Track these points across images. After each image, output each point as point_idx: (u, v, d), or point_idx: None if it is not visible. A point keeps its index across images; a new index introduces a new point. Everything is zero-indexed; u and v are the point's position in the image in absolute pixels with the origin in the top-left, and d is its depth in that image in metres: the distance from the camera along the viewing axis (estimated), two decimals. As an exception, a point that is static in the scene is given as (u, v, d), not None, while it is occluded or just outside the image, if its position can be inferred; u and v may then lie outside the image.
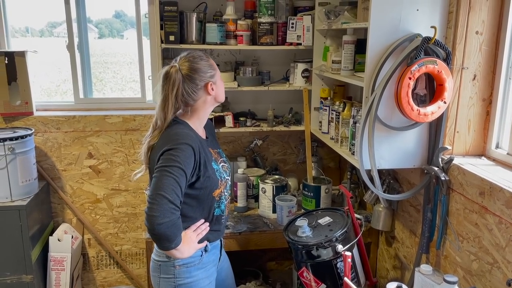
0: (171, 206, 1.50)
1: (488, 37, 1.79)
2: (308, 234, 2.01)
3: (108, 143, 2.91)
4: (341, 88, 2.56)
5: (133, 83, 6.33)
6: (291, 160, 3.12)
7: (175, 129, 1.67)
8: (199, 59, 1.70)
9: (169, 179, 1.51)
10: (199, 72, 1.69)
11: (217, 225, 1.83)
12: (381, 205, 2.32)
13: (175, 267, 1.73)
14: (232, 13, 2.64)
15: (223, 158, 1.88)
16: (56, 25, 6.80)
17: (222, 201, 1.81)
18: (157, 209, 1.48)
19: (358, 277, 2.05)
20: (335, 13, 2.33)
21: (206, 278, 1.80)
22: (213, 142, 1.89)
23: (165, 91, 1.66)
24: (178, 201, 1.54)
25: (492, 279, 1.59)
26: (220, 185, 1.76)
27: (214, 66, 1.76)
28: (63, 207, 2.96)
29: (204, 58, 1.73)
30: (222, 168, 1.81)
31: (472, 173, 1.69)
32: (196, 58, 1.70)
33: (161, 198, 1.49)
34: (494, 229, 1.57)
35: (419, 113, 1.77)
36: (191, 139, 1.64)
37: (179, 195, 1.53)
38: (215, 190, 1.74)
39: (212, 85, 1.73)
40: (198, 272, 1.76)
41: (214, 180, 1.72)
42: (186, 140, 1.61)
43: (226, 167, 1.85)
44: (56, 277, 2.74)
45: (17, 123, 2.79)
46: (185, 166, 1.56)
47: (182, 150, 1.57)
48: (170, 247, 1.57)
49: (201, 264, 1.77)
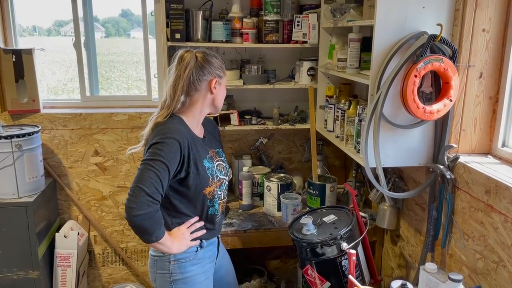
0: (148, 199, 1.51)
1: (494, 35, 1.78)
2: (312, 232, 2.01)
3: (114, 141, 2.93)
4: (347, 86, 2.56)
5: (139, 82, 6.36)
6: (296, 159, 3.12)
7: (167, 123, 1.68)
8: (213, 56, 1.75)
9: (150, 172, 1.53)
10: (210, 65, 1.72)
11: (211, 224, 1.83)
12: (386, 203, 2.31)
13: (169, 262, 1.75)
14: (238, 11, 2.64)
15: (221, 158, 1.88)
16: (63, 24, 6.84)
17: (216, 201, 1.81)
18: (134, 201, 1.51)
19: (362, 275, 2.05)
20: (341, 11, 2.33)
21: (202, 273, 1.81)
22: (212, 141, 1.88)
23: (178, 71, 1.69)
24: (158, 195, 1.54)
25: (498, 277, 1.59)
26: (211, 184, 1.75)
27: (224, 71, 1.80)
28: (69, 204, 2.98)
29: (218, 58, 1.77)
30: (217, 167, 1.81)
31: (477, 171, 1.68)
32: (211, 55, 1.75)
33: (139, 191, 1.51)
34: (499, 227, 1.57)
35: (424, 111, 1.76)
36: (179, 134, 1.64)
37: (158, 189, 1.54)
38: (206, 188, 1.74)
39: (216, 83, 1.75)
40: (193, 268, 1.78)
41: (204, 178, 1.72)
42: (173, 135, 1.61)
43: (222, 167, 1.85)
44: (62, 273, 2.76)
45: (24, 120, 2.81)
46: (169, 161, 1.57)
47: (167, 145, 1.58)
48: (150, 240, 1.59)
49: (196, 260, 1.79)
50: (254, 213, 2.66)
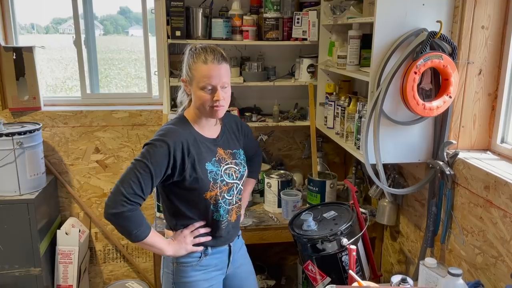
0: (122, 199, 1.50)
1: (494, 32, 1.79)
2: (313, 228, 2.02)
3: (114, 138, 2.94)
4: (347, 83, 2.57)
5: (138, 80, 6.35)
6: (296, 156, 3.13)
7: (169, 123, 1.66)
8: (198, 53, 1.59)
9: (132, 174, 1.52)
10: (184, 62, 1.64)
11: (217, 230, 1.73)
12: (386, 199, 2.33)
13: (173, 264, 1.73)
14: (238, 9, 2.65)
15: (236, 160, 1.75)
16: (61, 22, 6.81)
17: (221, 205, 1.69)
18: (110, 199, 1.52)
19: (363, 270, 2.07)
20: (341, 8, 2.34)
21: (205, 281, 1.74)
22: (229, 142, 1.76)
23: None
24: (135, 197, 1.52)
25: (497, 272, 1.60)
26: (213, 188, 1.65)
27: (204, 73, 1.57)
28: (70, 201, 3.00)
29: (202, 57, 1.58)
30: (225, 171, 1.69)
31: (477, 167, 1.69)
32: (197, 51, 1.60)
33: (116, 189, 1.52)
34: (498, 222, 1.58)
35: (424, 107, 1.78)
36: (174, 137, 1.58)
37: (136, 191, 1.51)
38: (206, 192, 1.64)
39: (188, 85, 1.65)
40: (196, 274, 1.72)
41: (203, 182, 1.62)
42: (166, 137, 1.56)
43: (234, 170, 1.73)
44: (64, 270, 2.78)
45: (25, 118, 2.82)
46: (153, 165, 1.52)
47: (156, 148, 1.54)
48: (130, 239, 1.57)
49: (200, 266, 1.73)
50: (254, 210, 2.68)
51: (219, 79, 1.59)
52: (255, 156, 2.03)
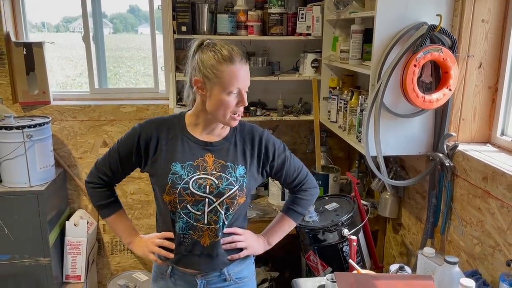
0: (93, 172, 1.60)
1: (494, 25, 1.81)
2: (315, 218, 2.06)
3: (122, 132, 2.99)
4: (350, 78, 2.60)
5: (147, 77, 6.42)
6: (301, 150, 3.16)
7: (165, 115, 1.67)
8: (216, 50, 1.40)
9: (107, 152, 1.59)
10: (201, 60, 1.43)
11: (178, 245, 1.50)
12: (388, 192, 2.35)
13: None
14: (243, 4, 2.68)
15: (220, 173, 1.46)
16: (71, 20, 6.90)
17: (180, 216, 1.47)
18: (90, 170, 1.63)
19: (363, 261, 2.10)
20: (344, 3, 2.37)
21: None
22: (228, 153, 1.50)
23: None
24: (101, 173, 1.58)
25: (494, 261, 1.63)
26: (169, 192, 1.44)
27: (233, 74, 1.38)
28: (79, 194, 3.06)
29: (228, 56, 1.39)
30: (194, 179, 1.45)
31: (475, 158, 1.72)
32: (212, 47, 1.42)
33: (94, 163, 1.62)
34: (496, 213, 1.61)
35: (424, 100, 1.80)
36: (151, 124, 1.52)
37: (103, 168, 1.58)
38: (164, 194, 1.46)
39: (202, 85, 1.43)
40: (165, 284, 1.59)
41: (160, 181, 1.46)
42: (143, 122, 1.55)
43: (209, 183, 1.45)
44: (73, 260, 2.84)
45: (35, 111, 2.89)
46: (121, 144, 1.55)
47: (130, 130, 1.56)
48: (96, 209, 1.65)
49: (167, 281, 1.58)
50: (258, 202, 2.72)
51: (247, 82, 1.44)
52: (297, 188, 1.66)
